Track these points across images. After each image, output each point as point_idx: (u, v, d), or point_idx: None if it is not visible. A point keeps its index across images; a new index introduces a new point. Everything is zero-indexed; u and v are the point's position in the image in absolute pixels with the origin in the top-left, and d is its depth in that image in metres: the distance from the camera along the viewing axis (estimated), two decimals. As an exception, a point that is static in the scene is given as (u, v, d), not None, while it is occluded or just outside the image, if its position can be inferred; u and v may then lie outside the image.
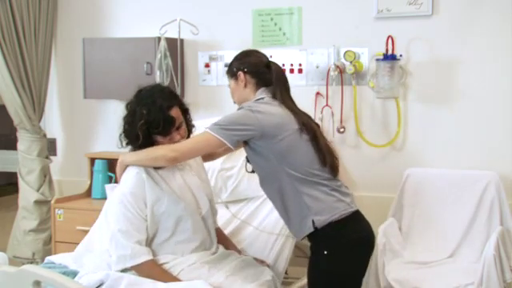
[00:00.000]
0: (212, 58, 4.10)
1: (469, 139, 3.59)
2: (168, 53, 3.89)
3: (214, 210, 2.84)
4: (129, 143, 2.61)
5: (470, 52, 3.55)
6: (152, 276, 2.46)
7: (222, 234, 2.93)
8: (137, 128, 2.53)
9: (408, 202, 3.54)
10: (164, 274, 2.49)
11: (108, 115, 4.37)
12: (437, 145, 3.66)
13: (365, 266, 2.64)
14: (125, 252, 2.47)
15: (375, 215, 3.02)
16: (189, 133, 2.71)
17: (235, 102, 2.73)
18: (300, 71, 3.86)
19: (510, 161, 3.51)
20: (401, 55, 3.60)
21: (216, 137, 2.47)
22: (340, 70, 3.73)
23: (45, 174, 4.32)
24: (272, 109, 2.54)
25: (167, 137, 2.58)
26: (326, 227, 2.50)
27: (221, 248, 2.77)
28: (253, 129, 2.48)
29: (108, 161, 4.09)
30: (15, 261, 4.13)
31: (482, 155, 3.56)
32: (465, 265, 3.27)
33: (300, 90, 2.69)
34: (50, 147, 4.48)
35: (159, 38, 3.91)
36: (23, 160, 4.28)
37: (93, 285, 2.43)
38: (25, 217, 4.30)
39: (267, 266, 2.84)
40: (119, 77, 4.04)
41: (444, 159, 3.62)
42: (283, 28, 3.92)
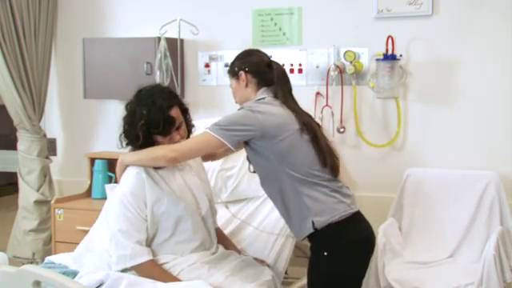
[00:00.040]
0: (212, 58, 4.10)
1: (469, 139, 3.59)
2: (168, 53, 3.89)
3: (214, 210, 2.84)
4: (129, 143, 2.61)
5: (470, 52, 3.55)
6: (152, 276, 2.46)
7: (222, 234, 2.93)
8: (137, 128, 2.53)
9: (408, 202, 3.54)
10: (164, 274, 2.48)
11: (108, 115, 4.37)
12: (437, 145, 3.66)
13: (365, 267, 2.64)
14: (125, 252, 2.47)
15: (375, 215, 3.02)
16: (189, 133, 2.71)
17: (237, 102, 2.72)
18: (300, 71, 3.86)
19: (510, 161, 3.51)
20: (401, 55, 3.60)
21: (216, 137, 2.46)
22: (340, 70, 3.73)
23: (45, 174, 4.31)
24: (273, 109, 2.53)
25: (167, 137, 2.58)
26: (326, 228, 2.49)
27: (221, 248, 2.76)
28: (253, 129, 2.47)
29: (108, 161, 4.09)
30: (15, 261, 4.13)
31: (482, 155, 3.56)
32: (465, 265, 3.27)
33: (300, 90, 2.68)
34: (50, 147, 4.48)
35: (159, 38, 3.91)
36: (23, 160, 4.28)
37: (93, 285, 2.43)
38: (25, 217, 4.30)
39: (267, 266, 2.84)
40: (119, 77, 4.04)
41: (444, 159, 3.62)
42: (283, 28, 3.92)
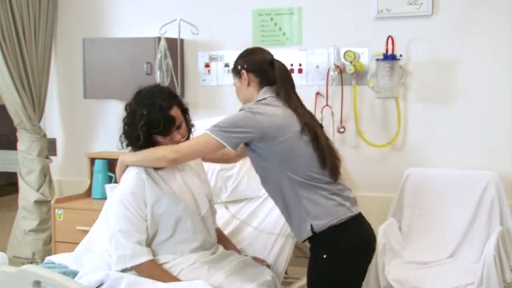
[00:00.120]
0: (212, 58, 4.10)
1: (469, 139, 3.59)
2: (168, 53, 3.89)
3: (214, 210, 2.84)
4: (129, 144, 2.61)
5: (470, 52, 3.55)
6: (152, 276, 2.46)
7: (222, 234, 2.92)
8: (137, 129, 2.53)
9: (408, 202, 3.54)
10: (164, 274, 2.48)
11: (108, 115, 4.37)
12: (437, 145, 3.65)
13: (365, 269, 2.62)
14: (125, 252, 2.47)
15: (375, 215, 3.02)
16: (189, 132, 2.71)
17: (240, 101, 2.70)
18: (300, 71, 3.86)
19: (510, 161, 3.51)
20: (401, 55, 3.59)
21: (215, 139, 2.45)
22: (340, 70, 3.72)
23: (45, 174, 4.31)
24: (273, 110, 2.51)
25: (168, 137, 2.58)
26: (326, 231, 2.48)
27: (221, 248, 2.76)
28: (253, 131, 2.45)
29: (108, 161, 4.09)
30: (15, 261, 4.13)
31: (482, 155, 3.56)
32: (465, 265, 3.27)
33: (300, 90, 2.67)
34: (50, 147, 4.48)
35: (159, 38, 3.90)
36: (23, 160, 4.28)
37: (93, 285, 2.43)
38: (25, 217, 4.29)
39: (267, 266, 2.84)
40: (119, 77, 4.04)
41: (444, 159, 3.62)
42: (283, 28, 3.92)
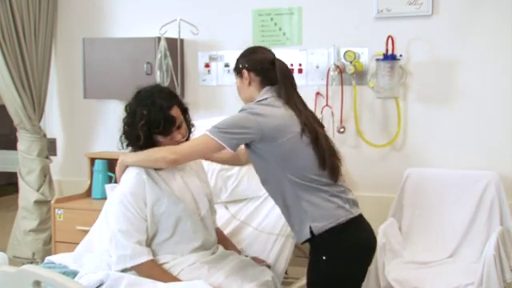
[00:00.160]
0: (212, 58, 4.10)
1: (469, 139, 3.59)
2: (168, 53, 3.89)
3: (214, 210, 2.84)
4: (129, 144, 2.61)
5: (470, 52, 3.55)
6: (152, 276, 2.46)
7: (222, 235, 2.92)
8: (137, 129, 2.53)
9: (408, 202, 3.54)
10: (164, 274, 2.48)
11: (108, 115, 4.37)
12: (437, 145, 3.65)
13: (365, 270, 2.60)
14: (125, 252, 2.47)
15: (375, 215, 3.02)
16: (189, 132, 2.71)
17: (242, 100, 2.68)
18: (300, 71, 3.86)
19: (510, 161, 3.51)
20: (401, 55, 3.59)
21: (215, 140, 2.44)
22: (340, 70, 3.72)
23: (45, 174, 4.31)
24: (273, 111, 2.49)
25: (168, 136, 2.58)
26: (325, 233, 2.46)
27: (221, 248, 2.76)
28: (252, 132, 2.44)
29: (108, 161, 4.09)
30: (15, 261, 4.13)
31: (482, 155, 3.56)
32: (465, 265, 3.27)
33: (300, 90, 2.67)
34: (50, 147, 4.48)
35: (159, 38, 3.90)
36: (23, 160, 4.28)
37: (93, 285, 2.43)
38: (25, 217, 4.29)
39: (267, 266, 2.84)
40: (119, 77, 4.04)
41: (444, 159, 3.62)
42: (283, 28, 3.92)
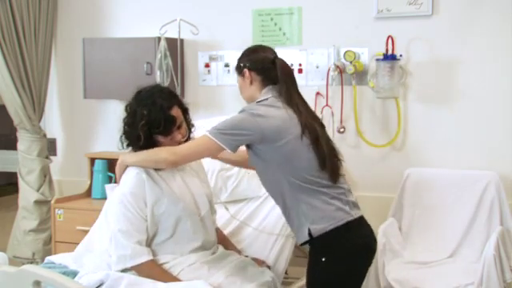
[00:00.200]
0: (212, 58, 4.10)
1: (469, 139, 3.59)
2: (168, 53, 3.89)
3: (214, 210, 2.84)
4: (130, 144, 2.61)
5: (470, 52, 3.55)
6: (152, 276, 2.46)
7: (222, 235, 2.92)
8: (138, 129, 2.53)
9: (408, 202, 3.54)
10: (164, 274, 2.48)
11: (108, 115, 4.37)
12: (437, 145, 3.65)
13: (364, 272, 2.59)
14: (125, 252, 2.47)
15: (375, 215, 3.02)
16: (189, 132, 2.71)
17: (244, 99, 2.67)
18: (300, 71, 3.85)
19: (510, 161, 3.51)
20: (401, 55, 3.59)
21: (215, 141, 2.43)
22: (340, 70, 3.72)
23: (45, 174, 4.31)
24: (274, 111, 2.47)
25: (168, 136, 2.58)
26: (324, 236, 2.45)
27: (221, 248, 2.76)
28: (252, 133, 2.43)
29: (108, 161, 4.09)
30: (15, 261, 4.13)
31: (482, 155, 3.56)
32: (465, 265, 3.27)
33: (300, 90, 2.66)
34: (50, 147, 4.48)
35: (159, 38, 3.90)
36: (23, 160, 4.28)
37: (93, 285, 2.43)
38: (25, 217, 4.29)
39: (267, 267, 2.83)
40: (119, 77, 4.04)
41: (444, 159, 3.62)
42: (283, 28, 3.92)
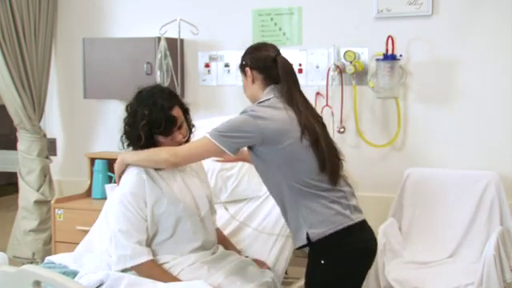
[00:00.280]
0: (212, 58, 4.10)
1: (469, 139, 3.59)
2: (168, 53, 3.89)
3: (214, 211, 2.84)
4: (130, 144, 2.60)
5: (470, 52, 3.55)
6: (152, 276, 2.46)
7: (222, 235, 2.92)
8: (138, 129, 2.53)
9: (408, 202, 3.54)
10: (164, 274, 2.48)
11: (108, 115, 4.37)
12: (437, 145, 3.65)
13: (364, 274, 2.58)
14: (125, 252, 2.47)
15: (375, 215, 3.02)
16: (189, 132, 2.71)
17: (247, 98, 2.66)
18: (300, 71, 3.85)
19: (510, 161, 3.51)
20: (401, 55, 3.59)
21: (215, 143, 2.42)
22: (340, 70, 3.72)
23: (45, 174, 4.31)
24: (275, 113, 2.45)
25: (169, 137, 2.58)
26: (323, 239, 2.44)
27: (221, 248, 2.76)
28: (253, 136, 2.42)
29: (108, 161, 4.08)
30: (15, 261, 4.13)
31: (482, 155, 3.56)
32: (465, 265, 3.27)
33: (300, 90, 2.66)
34: (50, 147, 4.48)
35: (159, 38, 3.90)
36: (23, 160, 4.28)
37: (93, 285, 2.43)
38: (25, 217, 4.29)
39: (268, 269, 2.82)
40: (119, 77, 4.04)
41: (444, 159, 3.62)
42: (283, 28, 3.92)
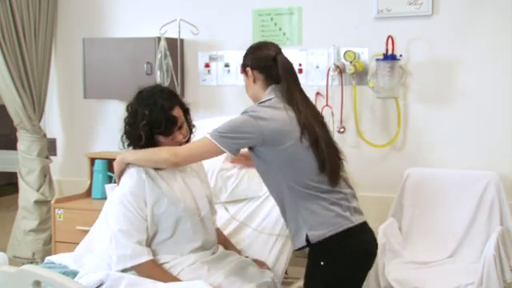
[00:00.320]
0: (212, 58, 4.10)
1: (469, 139, 3.59)
2: (168, 53, 3.89)
3: (214, 211, 2.84)
4: (130, 144, 2.60)
5: (470, 52, 3.55)
6: (152, 276, 2.46)
7: (222, 235, 2.92)
8: (139, 129, 2.53)
9: (408, 202, 3.54)
10: (164, 274, 2.48)
11: (108, 115, 4.37)
12: (437, 145, 3.65)
13: (364, 276, 2.57)
14: (125, 252, 2.47)
15: (375, 215, 3.02)
16: (190, 133, 2.71)
17: (250, 97, 2.65)
18: (300, 71, 3.84)
19: (510, 161, 3.51)
20: (401, 55, 3.59)
21: (215, 144, 2.42)
22: (340, 70, 3.72)
23: (45, 174, 4.31)
24: (275, 113, 2.45)
25: (169, 137, 2.58)
26: (323, 241, 2.43)
27: (221, 248, 2.76)
28: (253, 136, 2.42)
29: (108, 161, 4.08)
30: (15, 261, 4.13)
31: (482, 155, 3.56)
32: (465, 265, 3.27)
33: (301, 90, 2.66)
34: (50, 147, 4.48)
35: (159, 38, 3.90)
36: (23, 160, 4.28)
37: (93, 285, 2.43)
38: (25, 217, 4.29)
39: (267, 269, 2.82)
40: (119, 77, 4.04)
41: (444, 159, 3.62)
42: (283, 28, 3.92)
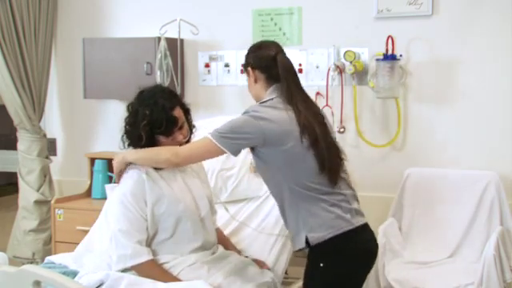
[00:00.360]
0: (212, 58, 4.10)
1: (469, 139, 3.59)
2: (168, 53, 3.89)
3: (214, 211, 2.84)
4: (131, 144, 2.60)
5: (470, 52, 3.55)
6: (152, 276, 2.46)
7: (222, 235, 2.92)
8: (139, 129, 2.53)
9: (408, 202, 3.54)
10: (164, 274, 2.48)
11: (108, 115, 4.38)
12: (437, 145, 3.65)
13: (364, 276, 2.57)
14: (125, 252, 2.47)
15: (375, 215, 3.02)
16: (190, 133, 2.71)
17: (252, 97, 2.64)
18: (300, 71, 3.84)
19: (510, 161, 3.51)
20: (401, 55, 3.59)
21: (216, 144, 2.43)
22: (340, 70, 3.72)
23: (45, 174, 4.31)
24: (276, 114, 2.44)
25: (170, 137, 2.58)
26: (323, 244, 2.43)
27: (221, 248, 2.76)
28: (254, 137, 2.42)
29: (108, 161, 4.07)
30: (15, 261, 4.13)
31: (482, 155, 3.56)
32: (465, 265, 3.27)
33: (301, 90, 2.66)
34: (50, 147, 4.48)
35: (159, 38, 3.90)
36: (23, 160, 4.28)
37: (93, 285, 2.43)
38: (25, 217, 4.29)
39: (267, 269, 2.82)
40: (119, 77, 4.04)
41: (444, 159, 3.62)
42: (283, 28, 3.92)
